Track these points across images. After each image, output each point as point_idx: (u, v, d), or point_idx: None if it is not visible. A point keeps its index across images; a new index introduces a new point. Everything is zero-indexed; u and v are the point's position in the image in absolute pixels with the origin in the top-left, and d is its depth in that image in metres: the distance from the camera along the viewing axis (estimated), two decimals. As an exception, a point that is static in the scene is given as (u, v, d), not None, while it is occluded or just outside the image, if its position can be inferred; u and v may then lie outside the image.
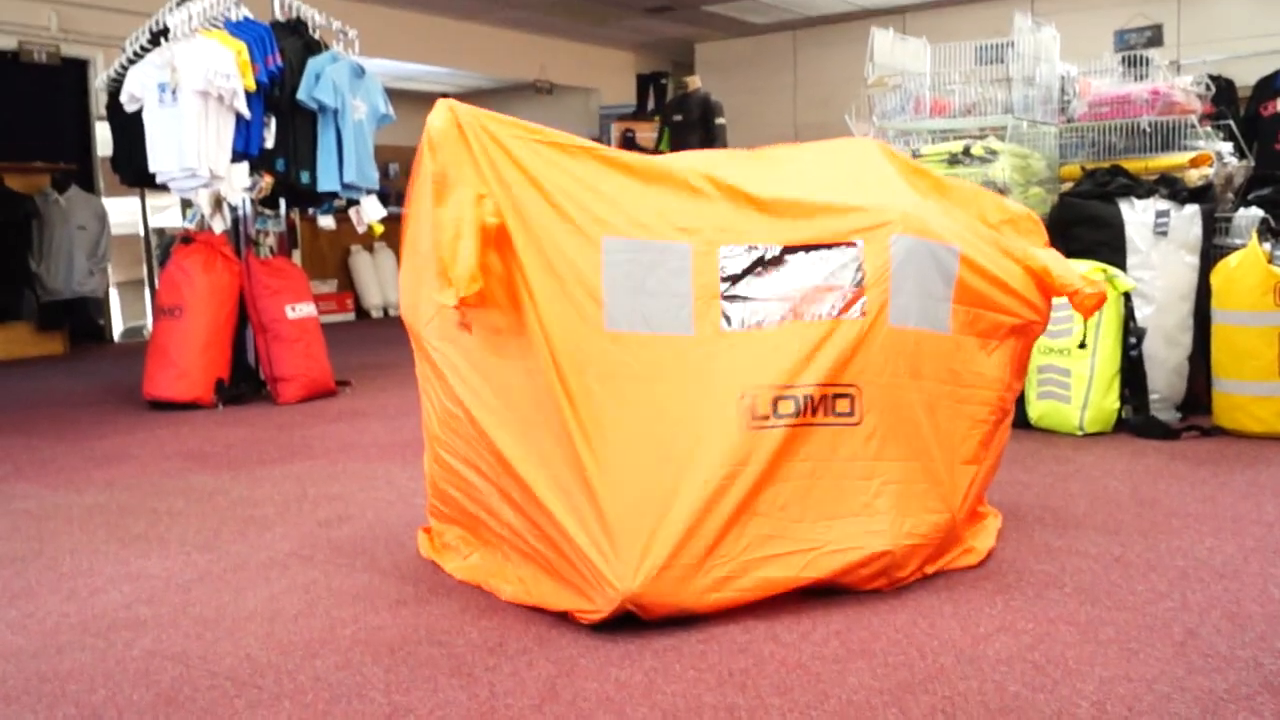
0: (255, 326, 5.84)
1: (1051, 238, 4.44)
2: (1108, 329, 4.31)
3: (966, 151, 4.85)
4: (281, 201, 6.30)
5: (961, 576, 2.64)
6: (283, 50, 5.73)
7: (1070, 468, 3.82)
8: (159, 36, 5.81)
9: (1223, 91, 7.73)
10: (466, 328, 2.44)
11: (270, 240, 6.24)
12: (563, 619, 2.41)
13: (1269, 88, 8.29)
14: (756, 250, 2.59)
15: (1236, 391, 4.22)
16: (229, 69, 5.37)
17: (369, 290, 11.94)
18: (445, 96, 2.66)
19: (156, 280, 7.40)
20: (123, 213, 9.62)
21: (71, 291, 8.82)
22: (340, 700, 2.05)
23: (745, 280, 2.57)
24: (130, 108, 5.60)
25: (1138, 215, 4.51)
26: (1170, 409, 4.53)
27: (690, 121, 10.13)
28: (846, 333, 2.55)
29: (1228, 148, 5.18)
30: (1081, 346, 3.60)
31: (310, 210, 6.48)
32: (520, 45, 13.43)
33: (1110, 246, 4.50)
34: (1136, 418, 4.36)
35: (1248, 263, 4.17)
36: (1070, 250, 4.23)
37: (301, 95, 5.74)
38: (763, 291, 2.57)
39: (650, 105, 14.37)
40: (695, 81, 10.43)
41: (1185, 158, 4.81)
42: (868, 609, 2.43)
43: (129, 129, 5.81)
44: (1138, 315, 4.38)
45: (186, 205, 6.21)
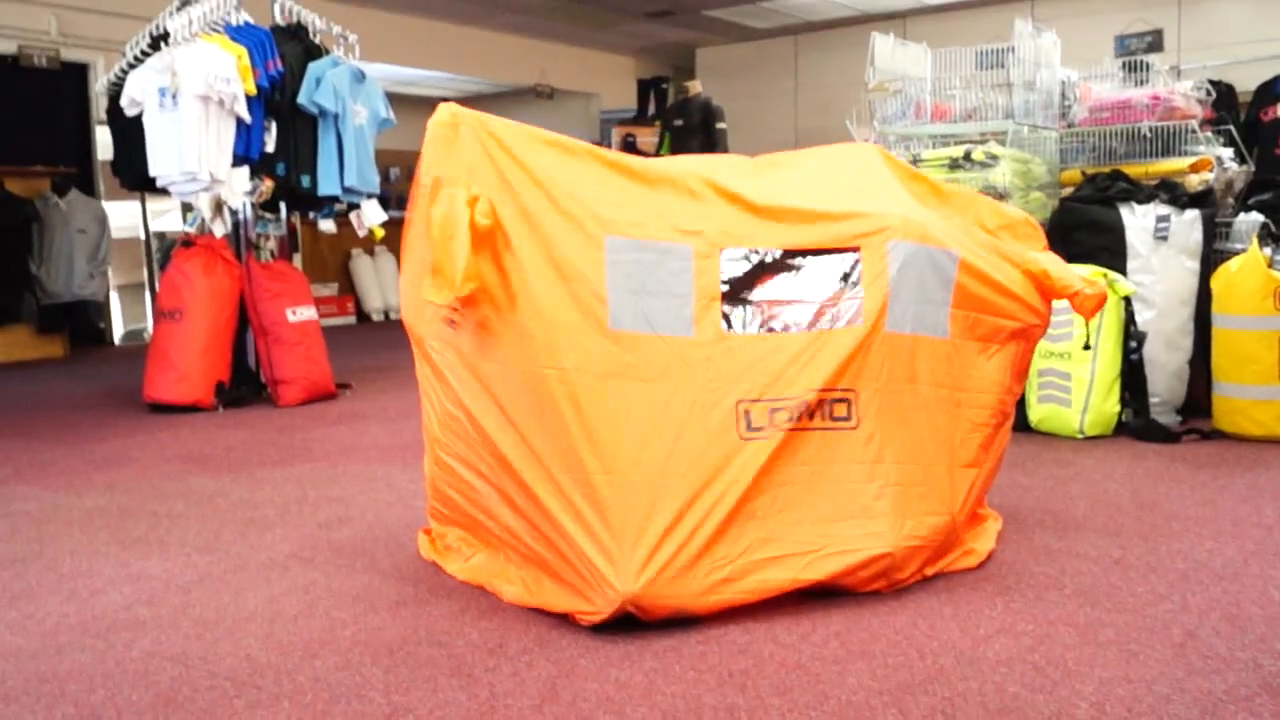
0: (256, 330, 5.84)
1: (1052, 242, 4.44)
2: (1108, 333, 4.31)
3: (967, 156, 4.86)
4: (282, 205, 6.30)
5: (961, 578, 2.64)
6: (283, 55, 5.74)
7: (1070, 471, 3.82)
8: (159, 41, 5.82)
9: (1223, 97, 7.72)
10: (454, 324, 2.44)
11: (271, 244, 6.24)
12: (563, 620, 2.41)
13: (1269, 93, 8.29)
14: (757, 254, 2.60)
15: (1237, 395, 4.22)
16: (229, 73, 5.37)
17: (370, 294, 11.94)
18: (446, 101, 2.67)
19: (157, 283, 7.40)
20: (123, 216, 9.62)
21: (71, 295, 8.81)
22: (340, 701, 2.05)
23: (745, 284, 2.57)
24: (130, 112, 5.61)
25: (1138, 220, 4.52)
26: (1170, 412, 4.53)
27: (691, 126, 10.12)
28: (844, 338, 2.55)
29: (1228, 153, 5.19)
30: (1086, 348, 3.60)
31: (311, 214, 6.48)
32: (521, 50, 13.44)
33: (1111, 251, 4.51)
34: (1137, 421, 4.37)
35: (1248, 267, 4.18)
36: (1071, 255, 4.23)
37: (302, 100, 5.74)
38: (763, 295, 2.58)
39: (651, 110, 14.37)
40: (696, 86, 10.43)
41: (1186, 163, 4.82)
42: (867, 610, 2.43)
43: (129, 133, 5.81)
44: (1138, 319, 4.39)
45: (187, 209, 6.21)
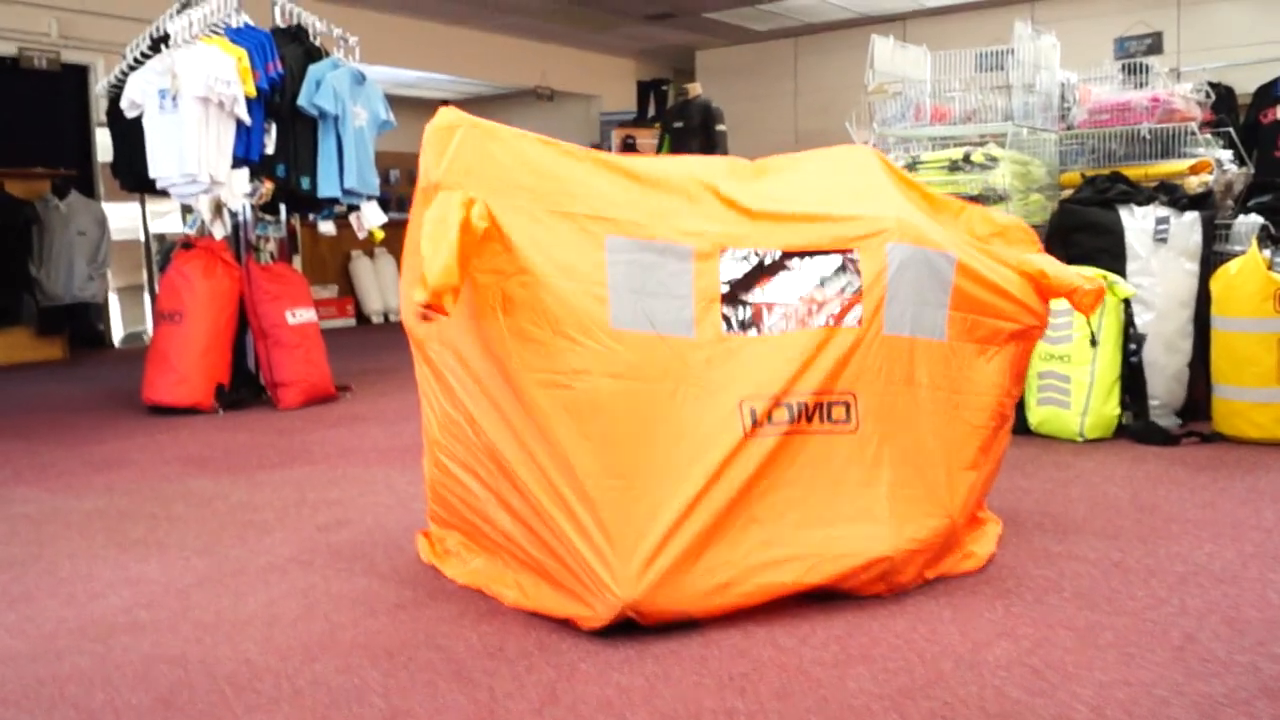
0: (255, 332, 5.84)
1: (1051, 244, 4.47)
2: (1108, 335, 4.31)
3: (967, 158, 4.86)
4: (282, 207, 6.30)
5: (961, 582, 2.64)
6: (283, 57, 5.74)
7: (1070, 473, 3.82)
8: (159, 43, 5.82)
9: (1222, 99, 7.73)
10: (428, 319, 2.42)
11: (271, 246, 6.24)
12: (563, 624, 2.40)
13: (1269, 95, 8.30)
14: (757, 255, 2.60)
15: (1236, 398, 4.22)
16: (230, 75, 5.37)
17: (369, 296, 11.95)
18: (446, 103, 2.67)
19: (157, 285, 7.40)
20: (123, 218, 9.62)
21: (71, 297, 8.81)
22: (339, 704, 2.05)
23: (745, 285, 2.57)
24: (131, 114, 5.61)
25: (1138, 222, 4.52)
26: (1170, 415, 4.53)
27: (691, 128, 10.12)
28: (842, 340, 2.55)
29: (1227, 155, 5.19)
30: (1093, 343, 3.60)
31: (311, 216, 6.48)
32: (521, 52, 13.45)
33: (1110, 253, 4.51)
34: (1136, 424, 4.37)
35: (1247, 269, 4.18)
36: (1070, 257, 4.23)
37: (302, 102, 5.74)
38: (762, 297, 2.58)
39: (651, 112, 14.37)
40: (696, 88, 10.43)
41: (1185, 165, 4.82)
42: (867, 614, 2.43)
43: (129, 135, 5.81)
44: (1138, 322, 4.39)
45: (187, 211, 6.21)
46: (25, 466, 4.48)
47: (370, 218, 6.25)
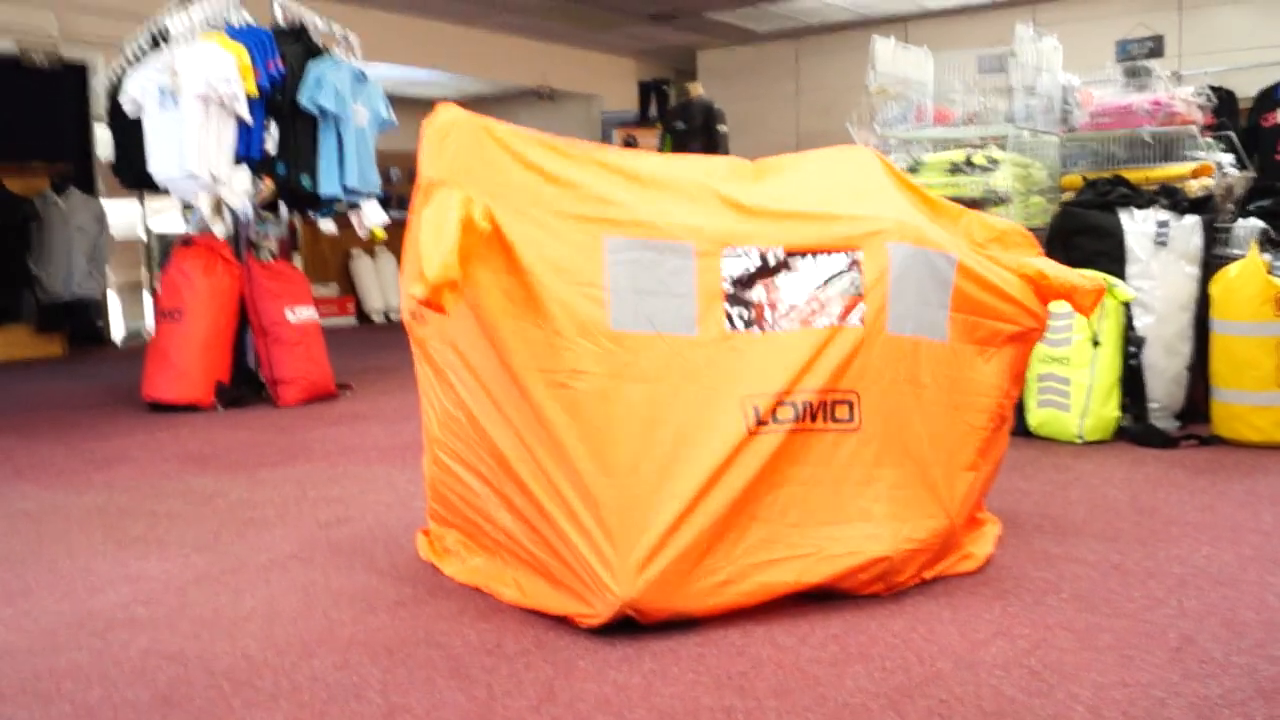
0: (256, 329, 5.85)
1: (1052, 247, 4.47)
2: (1107, 338, 4.31)
3: (968, 160, 4.87)
4: (282, 205, 6.30)
5: (960, 582, 2.64)
6: (284, 55, 5.75)
7: (1069, 475, 3.82)
8: (160, 40, 5.82)
9: (1224, 102, 7.73)
10: (418, 316, 2.43)
11: (271, 244, 6.25)
12: (561, 621, 2.40)
13: (1270, 99, 8.30)
14: (759, 253, 2.60)
15: (1235, 401, 4.22)
16: (230, 73, 5.38)
17: (370, 294, 11.95)
18: (446, 102, 2.67)
19: (156, 283, 7.41)
20: (123, 215, 9.62)
21: (70, 294, 8.82)
22: (337, 700, 2.05)
23: (748, 282, 2.57)
24: (131, 111, 5.61)
25: (1138, 225, 4.52)
26: (1169, 418, 4.53)
27: (692, 128, 10.13)
28: (846, 339, 2.55)
29: (1228, 158, 5.20)
30: (1095, 344, 3.60)
31: (311, 214, 6.48)
32: (522, 51, 13.45)
33: (1110, 256, 4.51)
34: (1136, 426, 4.37)
35: (1247, 273, 4.18)
36: (1070, 259, 4.23)
37: (303, 100, 5.75)
38: (765, 295, 2.58)
39: (652, 112, 14.38)
40: (697, 88, 10.43)
41: (1186, 168, 4.83)
42: (865, 614, 2.43)
43: (129, 132, 5.82)
44: (1137, 325, 4.39)
45: (187, 208, 6.22)
46: (25, 463, 4.48)
47: (371, 216, 6.26)
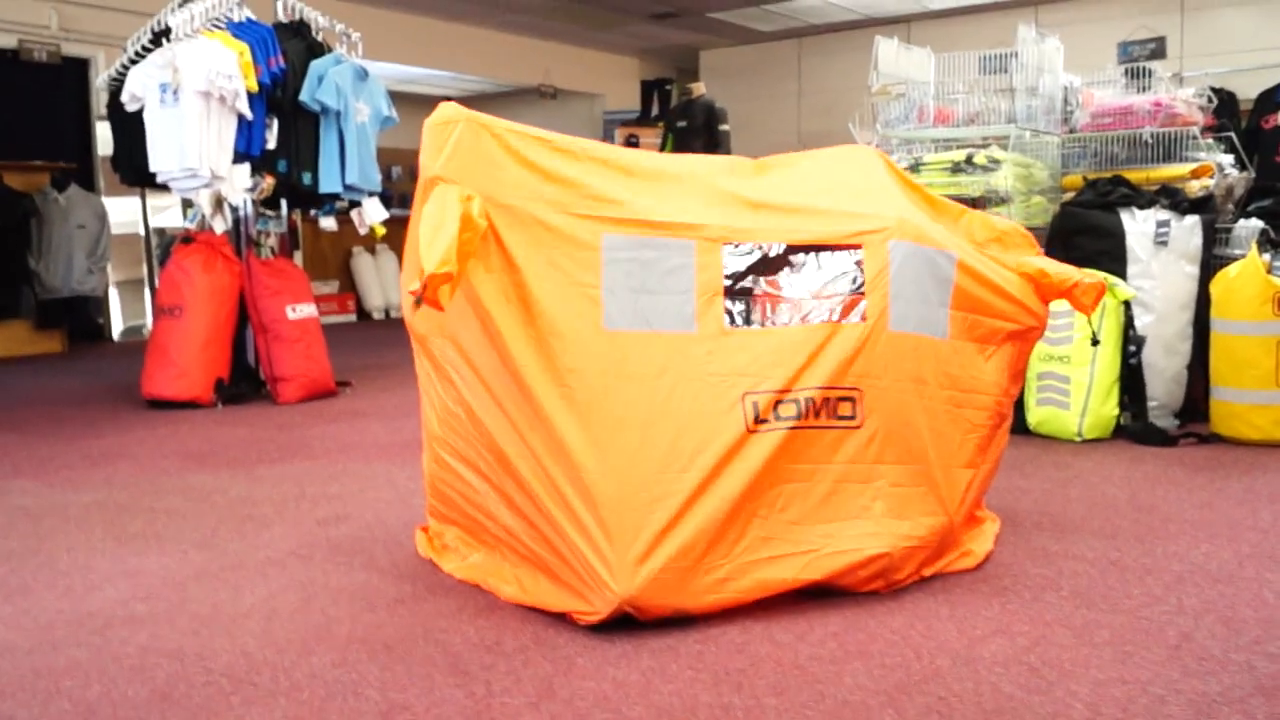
0: (256, 327, 5.84)
1: (1053, 247, 4.47)
2: (1108, 337, 4.32)
3: (969, 160, 4.87)
4: (283, 202, 6.31)
5: (958, 579, 2.64)
6: (285, 52, 5.74)
7: (1069, 473, 3.82)
8: (161, 36, 5.82)
9: (1224, 104, 7.73)
10: (416, 306, 2.41)
11: (271, 241, 6.25)
12: (560, 618, 2.41)
13: (1270, 101, 8.30)
14: (760, 249, 2.60)
15: (1235, 400, 4.23)
16: (231, 70, 5.37)
17: (370, 292, 11.95)
18: (448, 100, 2.67)
19: (156, 280, 7.41)
20: (123, 212, 9.62)
21: (70, 290, 8.82)
22: (336, 697, 2.05)
23: (748, 278, 2.57)
24: (131, 107, 5.61)
25: (1139, 225, 4.53)
26: (1169, 416, 4.54)
27: (694, 128, 10.11)
28: (848, 336, 2.55)
29: (1229, 159, 5.19)
30: (1095, 343, 3.60)
31: (312, 211, 6.49)
32: (524, 50, 13.44)
33: (1111, 256, 4.52)
34: (1135, 425, 4.37)
35: (1247, 273, 4.19)
36: (1071, 259, 4.21)
37: (304, 97, 5.75)
38: (766, 290, 2.58)
39: (654, 111, 14.38)
40: (700, 88, 10.42)
41: (1186, 169, 4.83)
42: (865, 611, 2.43)
43: (130, 128, 5.81)
44: (1137, 324, 4.39)
45: (187, 205, 6.22)
46: (24, 460, 4.48)
47: (372, 214, 6.26)
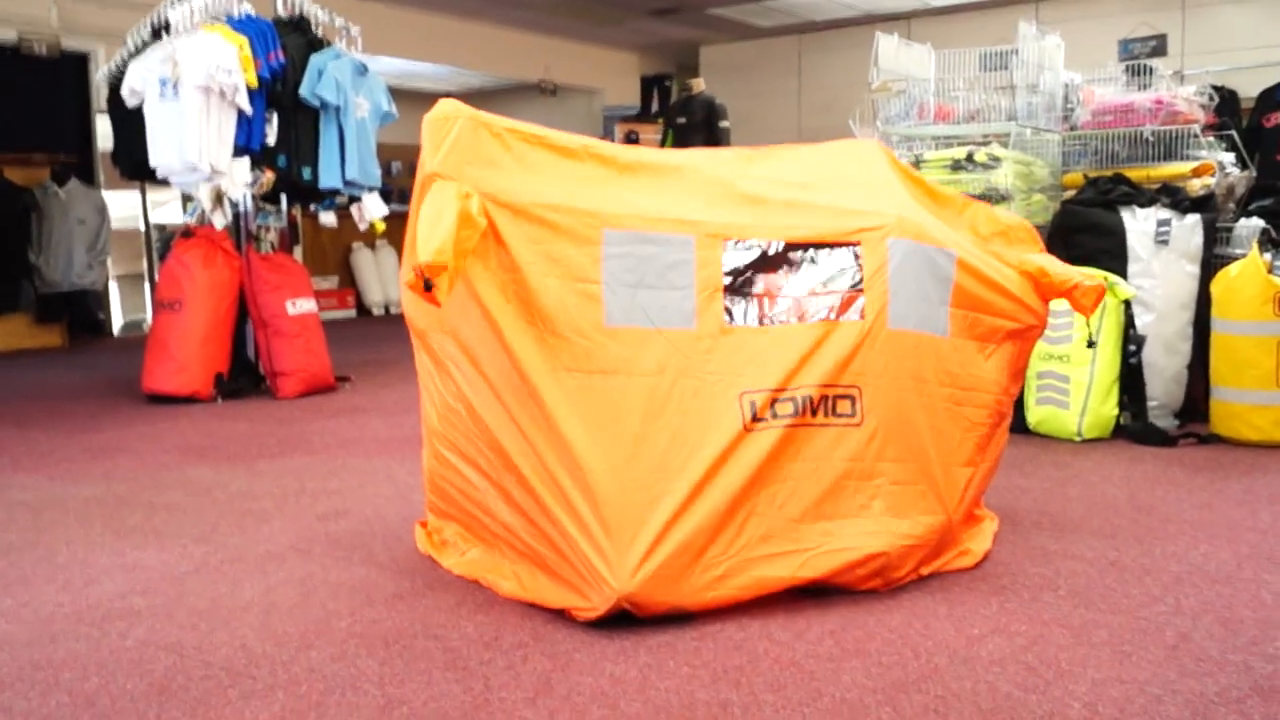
0: (255, 322, 5.84)
1: (1053, 245, 4.46)
2: (1108, 336, 4.31)
3: (969, 158, 4.86)
4: (283, 197, 6.30)
5: (957, 578, 2.65)
6: (285, 46, 5.74)
7: (1068, 473, 3.82)
8: (160, 31, 5.81)
9: (1226, 102, 7.71)
10: (426, 292, 2.40)
11: (271, 236, 6.24)
12: (558, 615, 2.41)
13: (1271, 100, 8.28)
14: (760, 246, 2.59)
15: (1235, 400, 4.22)
16: (231, 64, 5.37)
17: (370, 287, 11.95)
18: (449, 96, 2.67)
19: (156, 274, 7.40)
20: (123, 206, 9.62)
21: (70, 284, 8.82)
22: (334, 692, 2.05)
23: (748, 275, 2.57)
24: (131, 102, 5.61)
25: (1139, 224, 4.52)
26: (1168, 416, 4.54)
27: (694, 124, 10.11)
28: (846, 334, 2.55)
29: (1230, 158, 5.19)
30: (1090, 345, 3.60)
31: (312, 206, 6.48)
32: (524, 45, 13.43)
33: (1111, 254, 4.51)
34: (1134, 424, 4.37)
35: (1248, 272, 4.18)
36: (1071, 257, 4.22)
37: (304, 92, 5.74)
38: (765, 287, 2.58)
39: (654, 107, 14.37)
40: (700, 84, 10.42)
41: (1187, 167, 4.82)
42: (863, 609, 2.43)
43: (129, 123, 5.81)
44: (1137, 323, 4.39)
45: (187, 200, 6.23)
46: (24, 453, 4.48)
47: (371, 209, 6.26)
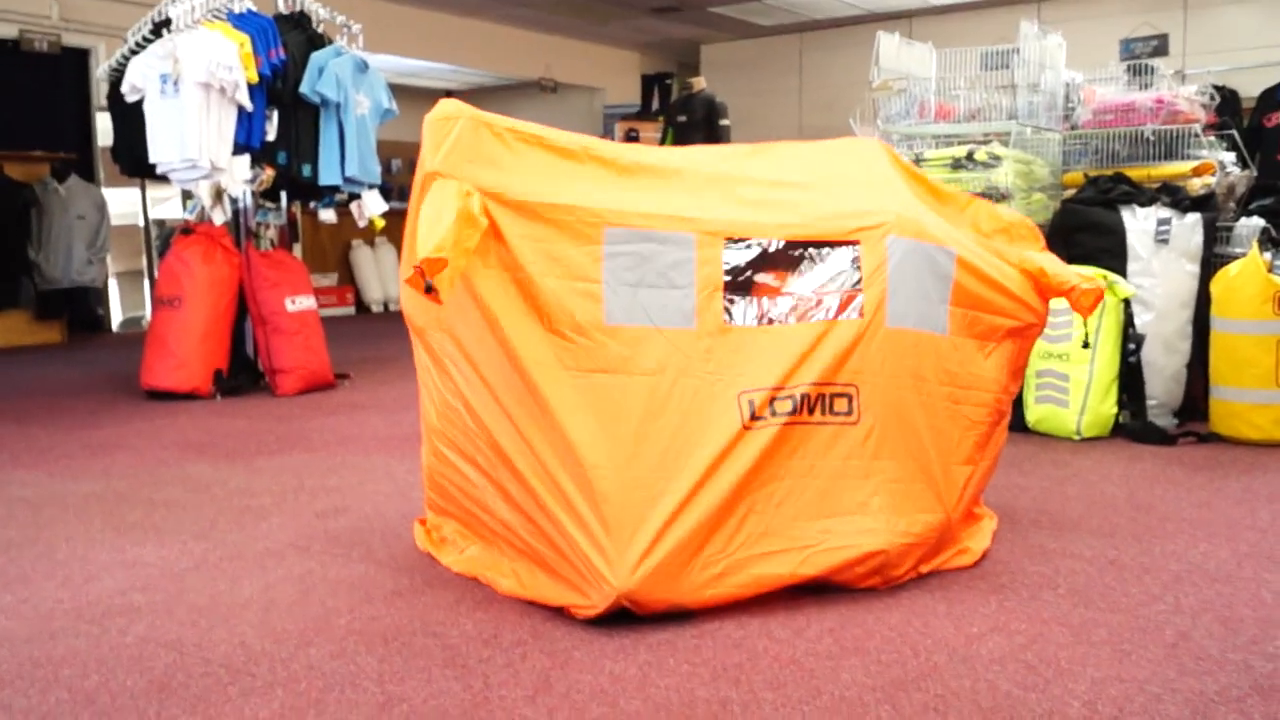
0: (255, 318, 5.84)
1: (1053, 244, 4.45)
2: (1107, 335, 4.31)
3: (970, 157, 4.86)
4: (283, 194, 6.30)
5: (956, 576, 2.65)
6: (286, 43, 5.73)
7: (1067, 471, 3.82)
8: (161, 27, 5.81)
9: (1226, 102, 7.71)
10: (428, 293, 2.40)
11: (271, 233, 6.24)
12: (558, 612, 2.41)
13: (1272, 99, 8.28)
14: (759, 244, 2.59)
15: (1234, 399, 4.22)
16: (231, 61, 5.36)
17: (370, 285, 11.94)
18: (449, 93, 2.68)
19: (156, 271, 7.40)
20: (123, 203, 9.61)
21: (70, 281, 8.81)
22: (333, 689, 2.05)
23: (747, 274, 2.57)
24: (131, 98, 5.60)
25: (1139, 223, 4.52)
26: (1168, 415, 4.54)
27: (695, 122, 10.10)
28: (844, 332, 2.55)
29: (1230, 157, 5.19)
30: (1085, 346, 3.61)
31: (311, 204, 6.48)
32: (525, 43, 13.42)
33: (1112, 253, 4.51)
34: (1134, 423, 4.37)
35: (1248, 272, 4.18)
36: (1072, 256, 4.24)
37: (304, 89, 5.74)
38: (765, 286, 2.57)
39: (655, 105, 14.37)
40: (700, 82, 10.41)
41: (1188, 166, 4.82)
42: (862, 607, 2.43)
43: (130, 119, 5.81)
44: (1137, 322, 4.39)
45: (187, 196, 6.21)
46: (23, 450, 4.48)
47: (371, 206, 6.25)
